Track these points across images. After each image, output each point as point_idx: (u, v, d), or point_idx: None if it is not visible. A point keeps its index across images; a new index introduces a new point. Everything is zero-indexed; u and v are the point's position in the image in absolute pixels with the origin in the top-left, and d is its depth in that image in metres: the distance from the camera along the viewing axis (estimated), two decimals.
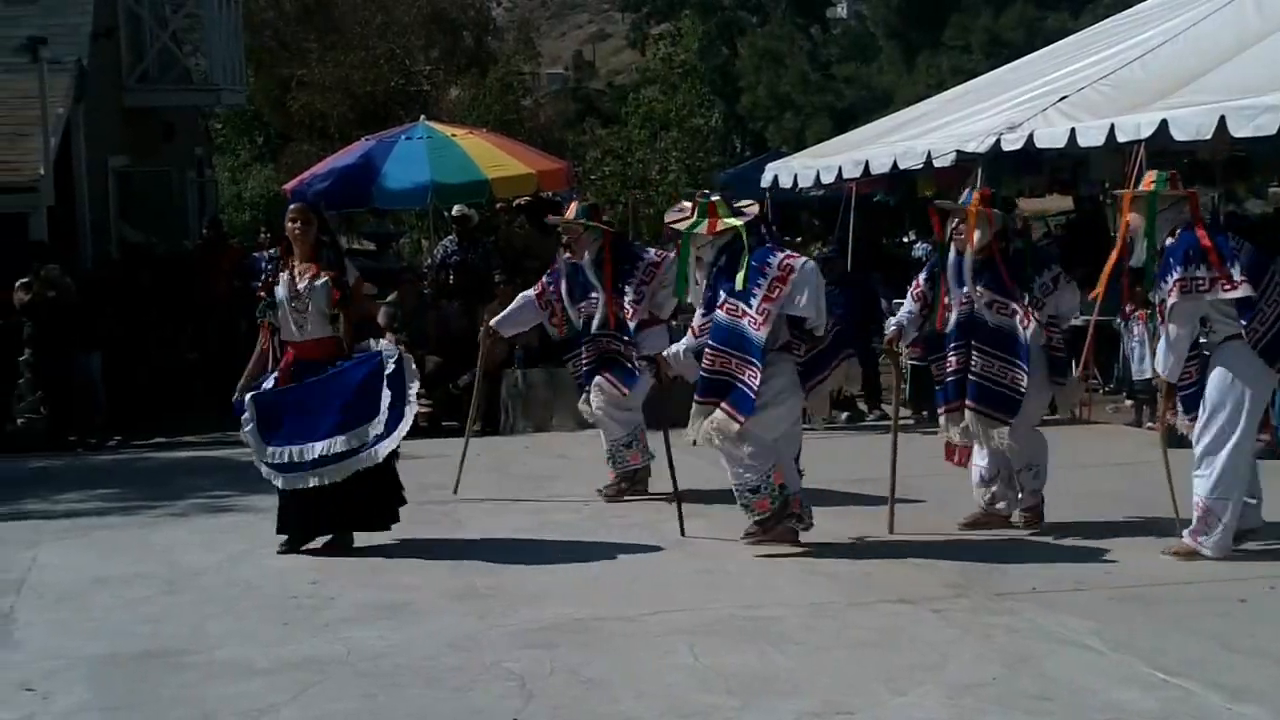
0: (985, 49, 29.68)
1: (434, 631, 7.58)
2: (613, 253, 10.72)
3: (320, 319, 9.17)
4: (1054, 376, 9.45)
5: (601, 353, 10.78)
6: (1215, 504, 8.62)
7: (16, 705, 6.64)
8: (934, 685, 6.58)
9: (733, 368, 8.82)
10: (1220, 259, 8.45)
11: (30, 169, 17.00)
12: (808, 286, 8.77)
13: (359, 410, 9.00)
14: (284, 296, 9.19)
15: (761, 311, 8.71)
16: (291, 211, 9.39)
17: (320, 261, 9.19)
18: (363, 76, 34.05)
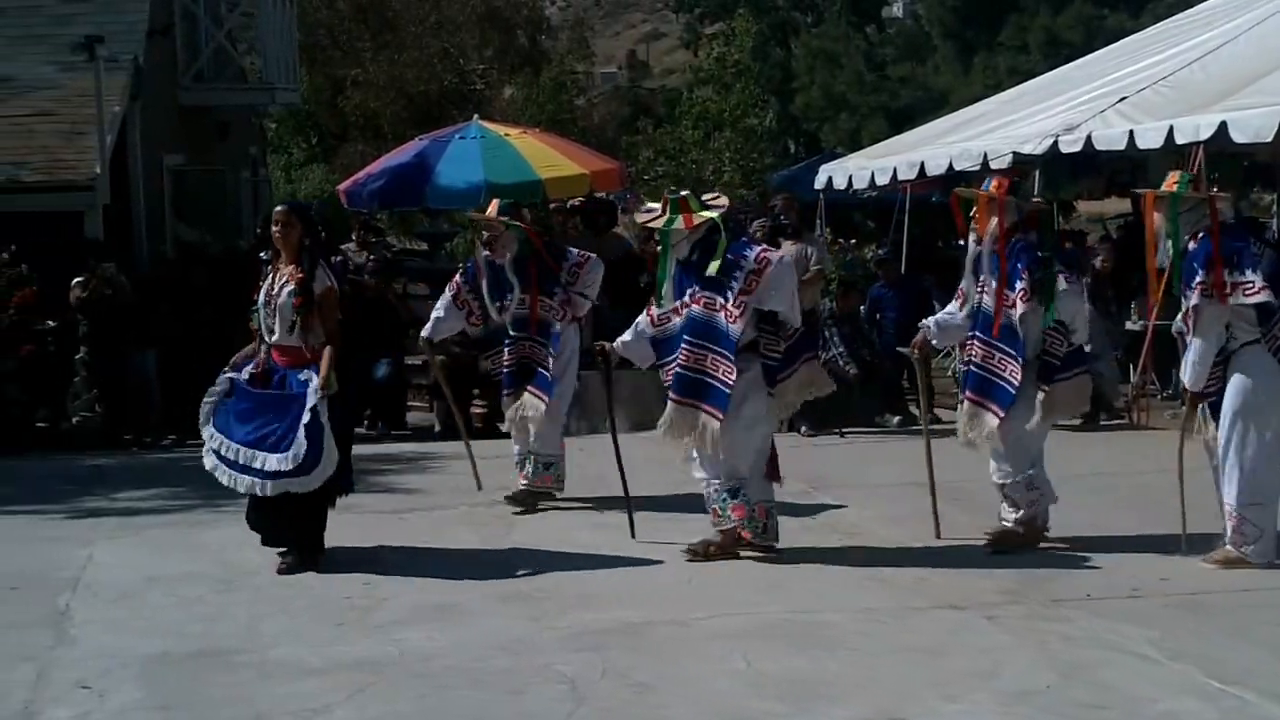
0: (1043, 49, 29.51)
1: (485, 633, 7.58)
2: (537, 253, 10.65)
3: (285, 325, 8.89)
4: (1040, 382, 9.05)
5: (521, 357, 10.64)
6: (1248, 511, 8.54)
7: (73, 703, 6.68)
8: (987, 693, 6.54)
9: (707, 364, 8.83)
10: (1227, 265, 8.38)
11: (86, 167, 17.08)
12: (783, 282, 8.84)
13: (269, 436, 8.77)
14: (262, 298, 9.04)
15: (738, 305, 8.75)
16: (275, 214, 9.21)
17: (296, 266, 8.94)
18: (416, 76, 34.15)
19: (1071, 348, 9.15)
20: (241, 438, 8.84)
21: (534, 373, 10.65)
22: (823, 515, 10.09)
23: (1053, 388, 9.03)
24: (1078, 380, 9.21)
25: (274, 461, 8.71)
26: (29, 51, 19.08)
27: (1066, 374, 9.11)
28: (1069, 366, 9.14)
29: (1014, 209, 9.10)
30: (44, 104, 18.13)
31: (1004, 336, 9.01)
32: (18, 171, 16.99)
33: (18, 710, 6.58)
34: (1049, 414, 9.07)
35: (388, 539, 9.60)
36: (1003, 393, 8.97)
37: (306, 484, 8.73)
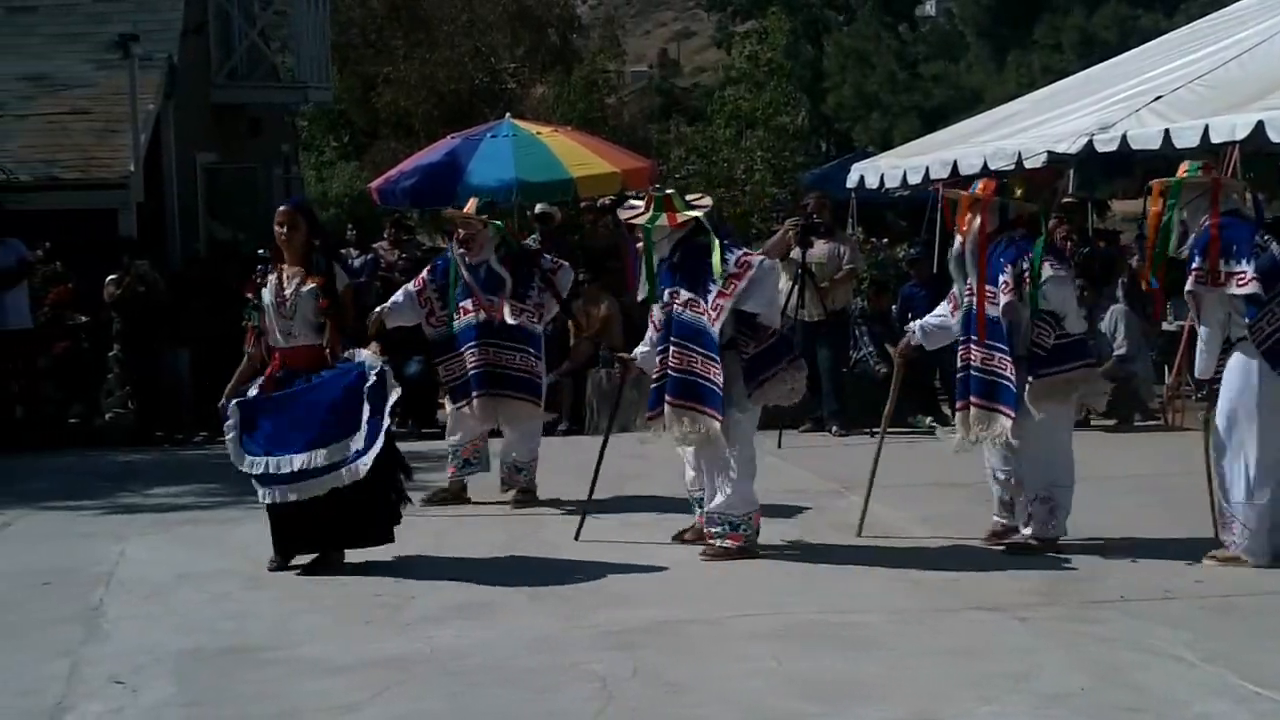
0: (1077, 48, 29.36)
1: (515, 631, 7.57)
2: (513, 255, 10.63)
3: (307, 327, 8.81)
4: (1027, 375, 8.88)
5: (486, 362, 10.51)
6: (1235, 508, 8.58)
7: (106, 698, 6.70)
8: (1021, 695, 6.49)
9: (697, 366, 8.86)
10: (1224, 254, 8.40)
11: (121, 165, 17.15)
12: (764, 284, 8.91)
13: (338, 424, 8.62)
14: (270, 301, 8.87)
15: (715, 307, 8.81)
16: (279, 214, 9.00)
17: (310, 267, 8.83)
18: (448, 74, 34.16)
19: (1063, 339, 8.97)
20: (306, 443, 8.62)
21: (508, 378, 10.56)
22: (854, 515, 10.03)
23: (1038, 382, 8.87)
24: (1074, 375, 9.02)
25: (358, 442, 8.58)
26: (64, 50, 19.17)
27: (1055, 369, 8.92)
28: (1060, 360, 8.95)
29: (998, 211, 9.02)
30: (79, 102, 18.22)
31: (992, 334, 8.93)
32: (52, 169, 17.06)
33: (52, 705, 6.60)
34: (1038, 405, 8.84)
35: (417, 536, 9.58)
36: (1007, 392, 8.85)
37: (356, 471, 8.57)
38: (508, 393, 10.59)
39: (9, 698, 6.74)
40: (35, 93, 18.38)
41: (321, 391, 8.72)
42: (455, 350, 10.66)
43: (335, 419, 8.61)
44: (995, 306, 8.86)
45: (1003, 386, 8.86)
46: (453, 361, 10.70)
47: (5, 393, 14.61)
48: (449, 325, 10.65)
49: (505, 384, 10.57)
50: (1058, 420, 9.01)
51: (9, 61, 18.76)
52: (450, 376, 10.72)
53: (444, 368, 10.79)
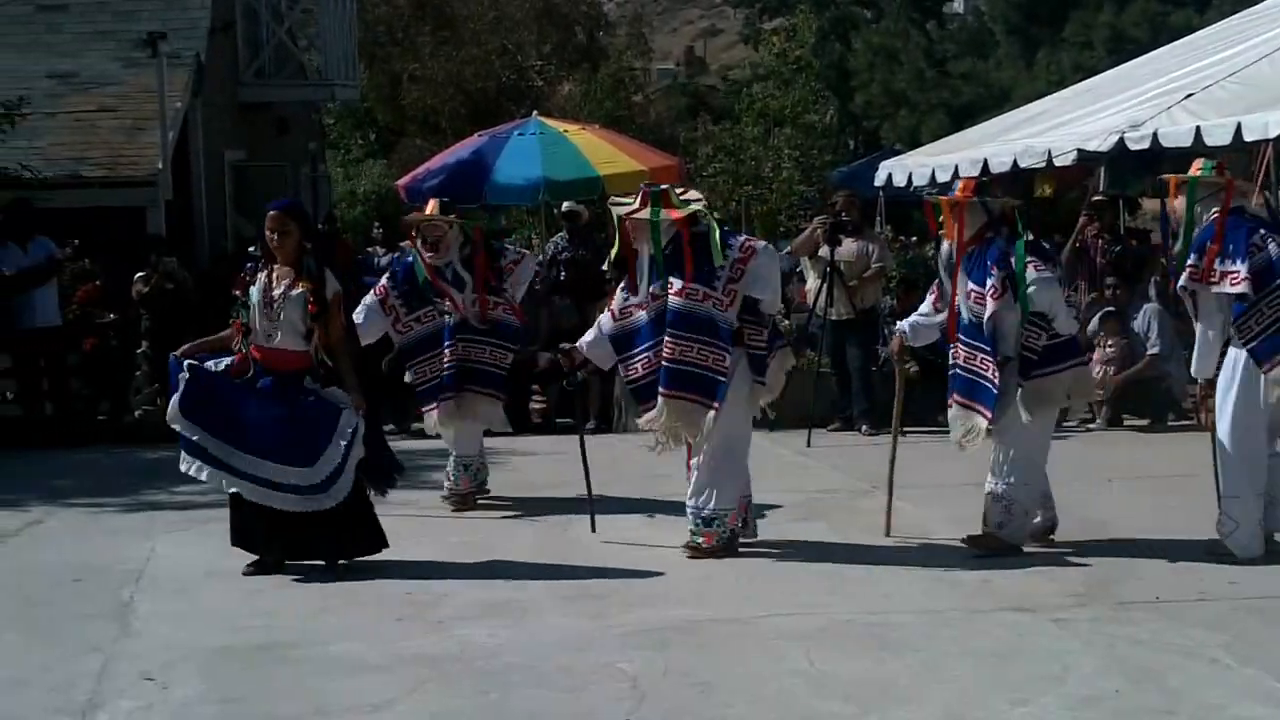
0: (1107, 45, 29.17)
1: (546, 631, 7.57)
2: (484, 250, 10.60)
3: (292, 331, 8.63)
4: (1019, 378, 8.88)
5: (460, 358, 10.46)
6: (1225, 504, 8.69)
7: (137, 694, 6.72)
8: (1055, 697, 6.46)
9: (695, 355, 8.84)
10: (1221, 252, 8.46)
11: (149, 163, 17.19)
12: (769, 269, 8.94)
13: (294, 452, 8.51)
14: (257, 300, 8.70)
15: (728, 293, 8.83)
16: (269, 219, 8.80)
17: (301, 270, 8.67)
18: (474, 72, 34.25)
19: (1054, 340, 8.95)
20: (259, 448, 8.55)
21: (477, 373, 10.53)
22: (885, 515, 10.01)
23: (1029, 383, 8.86)
24: (1065, 375, 9.01)
25: (296, 476, 8.51)
26: (93, 48, 19.24)
27: (1047, 369, 8.91)
28: (1052, 361, 8.93)
29: (980, 211, 8.98)
30: (107, 100, 18.28)
31: (974, 335, 8.91)
32: (81, 167, 17.11)
33: (83, 701, 6.61)
34: (1030, 408, 8.85)
35: (448, 535, 9.59)
36: (986, 393, 8.83)
37: (321, 503, 8.54)
38: (472, 388, 10.53)
39: (41, 694, 6.75)
40: (64, 91, 18.44)
41: (297, 409, 8.60)
42: (428, 352, 10.53)
43: (295, 442, 8.53)
44: (982, 308, 8.82)
45: (983, 387, 8.85)
46: (424, 364, 10.55)
47: (34, 390, 14.65)
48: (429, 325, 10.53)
49: (471, 379, 10.52)
50: (1042, 423, 9.03)
51: (38, 59, 18.83)
52: (421, 379, 10.55)
53: (414, 371, 10.62)
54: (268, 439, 8.53)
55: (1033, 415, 8.87)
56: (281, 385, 8.63)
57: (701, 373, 8.83)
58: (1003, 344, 8.82)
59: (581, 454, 9.63)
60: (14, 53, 18.66)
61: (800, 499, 10.67)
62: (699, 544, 9.03)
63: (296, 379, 8.65)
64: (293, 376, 8.65)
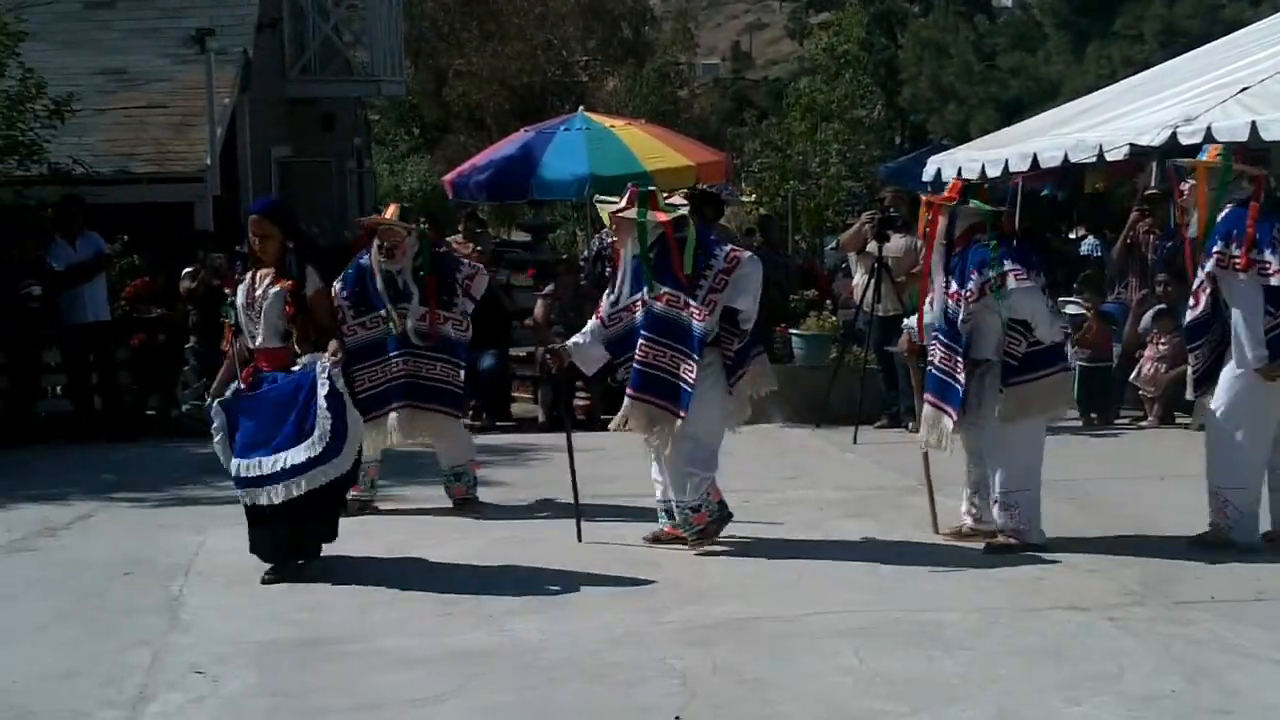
0: (1159, 38, 28.93)
1: (595, 626, 7.54)
2: (436, 261, 10.37)
3: (271, 330, 8.52)
4: (999, 384, 8.85)
5: (410, 372, 10.22)
6: (1232, 494, 8.72)
7: (187, 687, 6.74)
8: (1111, 696, 6.41)
9: (666, 361, 8.87)
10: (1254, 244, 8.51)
11: (196, 159, 17.24)
12: (751, 280, 8.92)
13: (292, 431, 8.37)
14: (242, 300, 8.62)
15: (708, 303, 8.84)
16: (251, 224, 8.70)
17: (282, 270, 8.56)
18: (520, 67, 34.28)
19: (1035, 347, 8.89)
20: (260, 448, 8.44)
21: (428, 389, 10.29)
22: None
23: (1010, 390, 8.82)
24: (1046, 381, 8.94)
25: (301, 452, 8.34)
26: (141, 44, 19.31)
27: (1027, 375, 8.85)
28: (1032, 368, 8.87)
29: (966, 215, 9.00)
30: (155, 96, 18.34)
31: (949, 334, 8.94)
32: (129, 163, 17.17)
33: (134, 694, 6.64)
34: (1010, 413, 8.82)
35: (495, 530, 9.57)
36: (954, 394, 8.89)
37: (340, 466, 8.41)
38: (429, 405, 10.32)
39: (92, 686, 6.77)
40: (113, 87, 18.51)
41: (276, 395, 8.47)
42: (373, 359, 10.21)
43: (288, 423, 8.37)
44: (962, 309, 8.85)
45: (953, 388, 8.90)
46: (368, 370, 10.18)
47: (83, 385, 14.70)
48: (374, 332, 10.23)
49: (425, 396, 10.30)
50: (1028, 429, 8.97)
51: (87, 56, 18.90)
52: (363, 387, 10.02)
53: (357, 377, 10.05)
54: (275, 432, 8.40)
55: (1013, 422, 8.84)
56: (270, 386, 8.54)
57: (670, 379, 8.88)
58: (982, 347, 8.88)
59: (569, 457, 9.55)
60: (64, 49, 18.71)
61: (848, 496, 10.63)
62: (696, 530, 9.08)
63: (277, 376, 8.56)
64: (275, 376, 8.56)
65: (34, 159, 15.53)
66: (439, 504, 10.45)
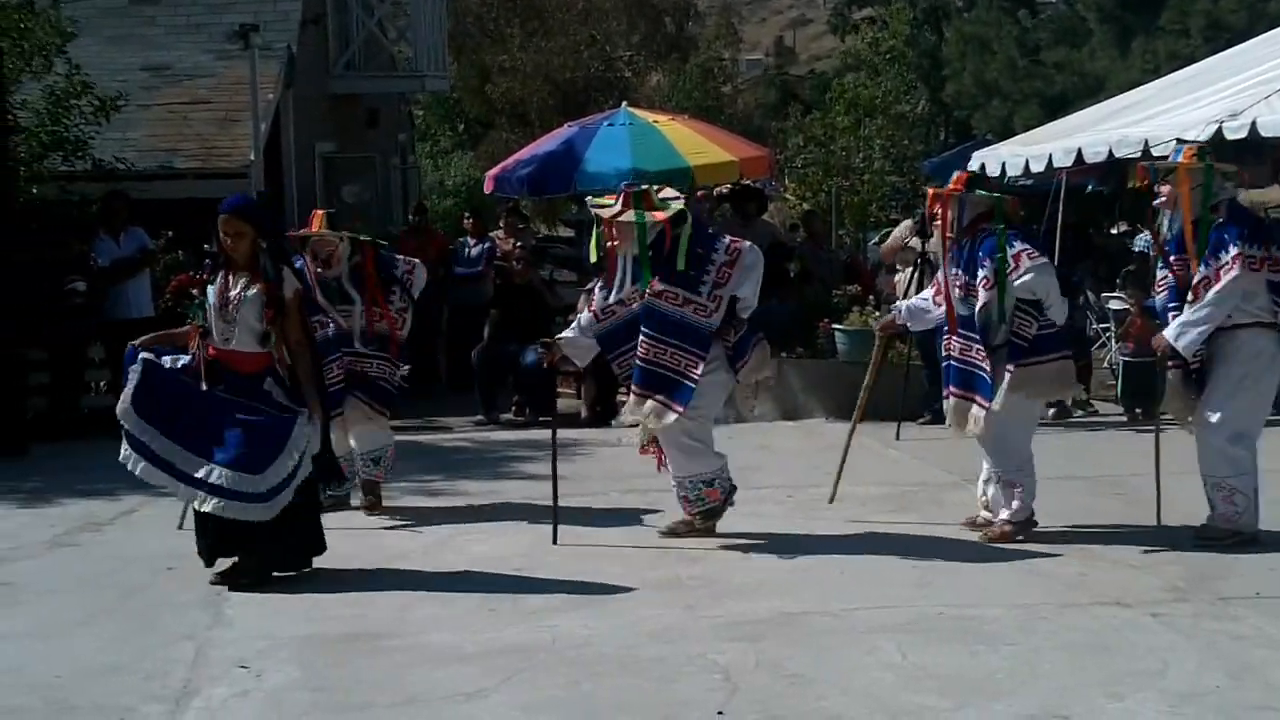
0: (1204, 33, 28.85)
1: (638, 621, 7.54)
2: (375, 265, 10.24)
3: (247, 333, 8.27)
4: (1008, 364, 8.97)
5: (349, 370, 10.13)
6: (1238, 481, 8.78)
7: (232, 681, 6.76)
8: (1154, 692, 6.37)
9: (667, 359, 8.96)
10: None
11: (240, 154, 17.29)
12: (753, 270, 9.00)
13: (245, 456, 8.15)
14: (213, 302, 8.34)
15: (714, 298, 8.94)
16: (221, 223, 8.38)
17: (258, 271, 8.30)
18: (563, 63, 34.28)
19: (1044, 330, 9.01)
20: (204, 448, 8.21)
21: (364, 383, 10.20)
22: (976, 508, 9.93)
23: (1019, 370, 8.95)
24: (1052, 366, 9.08)
25: (240, 482, 8.14)
26: (186, 40, 19.40)
27: (1038, 358, 8.98)
28: (1042, 350, 9.00)
29: (973, 204, 9.07)
30: (199, 92, 18.41)
31: (966, 325, 9.03)
32: (174, 159, 17.24)
33: (178, 688, 6.67)
34: (1014, 393, 8.96)
35: (537, 526, 9.57)
36: (983, 383, 8.97)
37: (259, 514, 8.19)
38: (358, 396, 10.22)
39: (136, 680, 6.80)
40: (157, 83, 18.59)
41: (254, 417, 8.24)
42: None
43: (249, 447, 8.17)
44: (974, 299, 8.95)
45: (979, 378, 8.98)
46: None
47: None
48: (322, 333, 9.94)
49: (358, 388, 10.21)
50: (1026, 409, 9.14)
51: (132, 52, 19.00)
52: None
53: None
54: (217, 442, 8.20)
55: (1016, 401, 8.98)
56: (238, 389, 8.31)
57: (674, 377, 8.96)
58: (995, 332, 8.95)
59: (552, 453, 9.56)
60: (108, 45, 18.82)
61: (890, 492, 10.61)
62: (708, 506, 9.22)
63: (254, 381, 8.32)
64: (250, 379, 8.32)
65: (79, 155, 15.62)
66: (483, 499, 10.48)
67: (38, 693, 6.67)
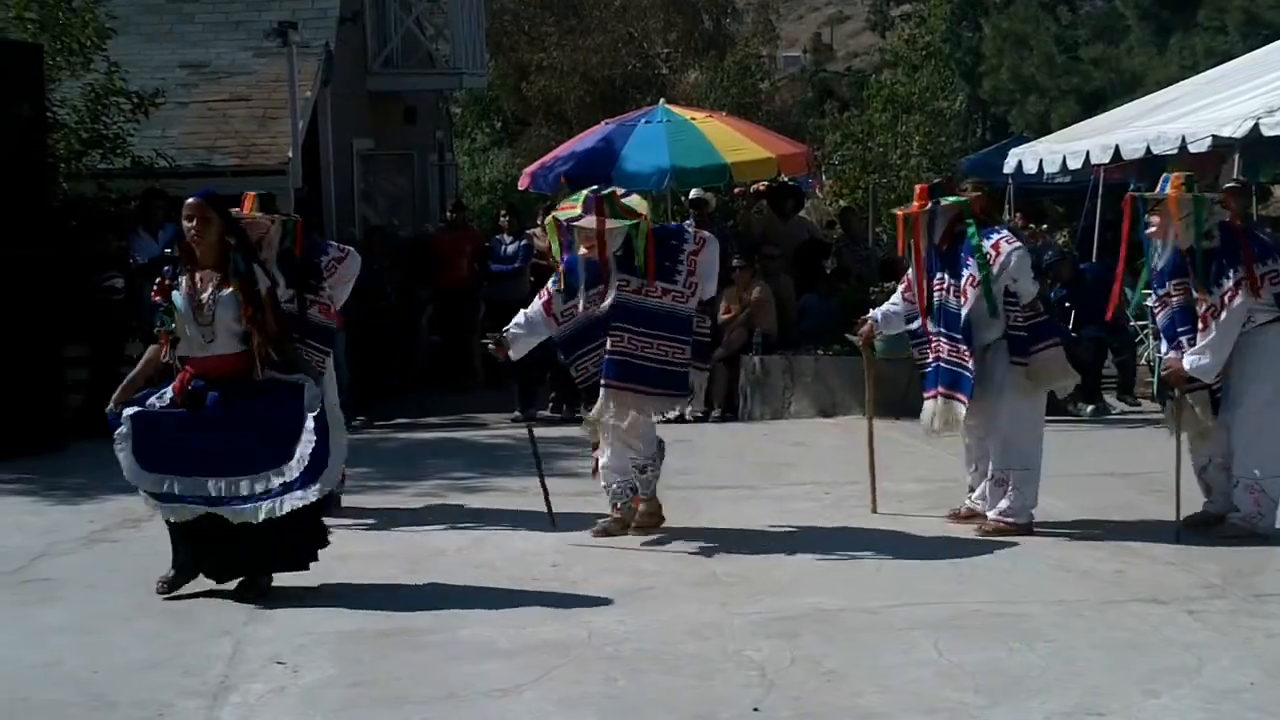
0: (1241, 30, 28.73)
1: (675, 618, 7.54)
2: (304, 250, 9.83)
3: (228, 334, 7.88)
4: (1014, 356, 9.14)
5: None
6: (1267, 483, 8.83)
7: (268, 677, 6.77)
8: (1190, 689, 6.35)
9: (654, 350, 9.09)
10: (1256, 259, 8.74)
11: (279, 152, 17.34)
12: (716, 258, 9.23)
13: (268, 454, 7.82)
14: (184, 306, 7.91)
15: (689, 285, 9.10)
16: (188, 207, 8.01)
17: (228, 269, 7.95)
18: (600, 60, 34.28)
19: (1035, 318, 9.24)
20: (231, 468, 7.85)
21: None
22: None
23: (1031, 359, 9.15)
24: (1054, 351, 9.31)
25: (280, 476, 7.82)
26: (225, 38, 19.48)
27: (1041, 344, 9.21)
28: (1043, 336, 9.26)
29: (944, 212, 9.27)
30: (238, 89, 18.48)
31: (951, 325, 9.21)
32: (212, 156, 17.32)
33: (215, 684, 6.69)
34: (1037, 387, 9.22)
35: (574, 521, 9.59)
36: (966, 382, 9.12)
37: (317, 493, 7.88)
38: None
39: (174, 676, 6.82)
40: (196, 80, 18.67)
41: (256, 412, 7.91)
42: None
43: (266, 446, 7.84)
44: (960, 300, 9.12)
45: (964, 378, 9.13)
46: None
47: None
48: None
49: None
50: (1032, 401, 9.29)
51: (171, 49, 19.09)
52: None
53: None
54: (239, 456, 7.84)
55: (1025, 394, 9.17)
56: (228, 398, 7.92)
57: (659, 367, 9.10)
58: (985, 332, 9.09)
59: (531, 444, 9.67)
60: (146, 43, 18.91)
61: (927, 488, 10.60)
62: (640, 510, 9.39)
63: (241, 385, 7.94)
64: (236, 384, 7.94)
65: (118, 152, 15.70)
66: (520, 495, 10.50)
67: (75, 687, 6.70)
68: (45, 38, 15.19)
